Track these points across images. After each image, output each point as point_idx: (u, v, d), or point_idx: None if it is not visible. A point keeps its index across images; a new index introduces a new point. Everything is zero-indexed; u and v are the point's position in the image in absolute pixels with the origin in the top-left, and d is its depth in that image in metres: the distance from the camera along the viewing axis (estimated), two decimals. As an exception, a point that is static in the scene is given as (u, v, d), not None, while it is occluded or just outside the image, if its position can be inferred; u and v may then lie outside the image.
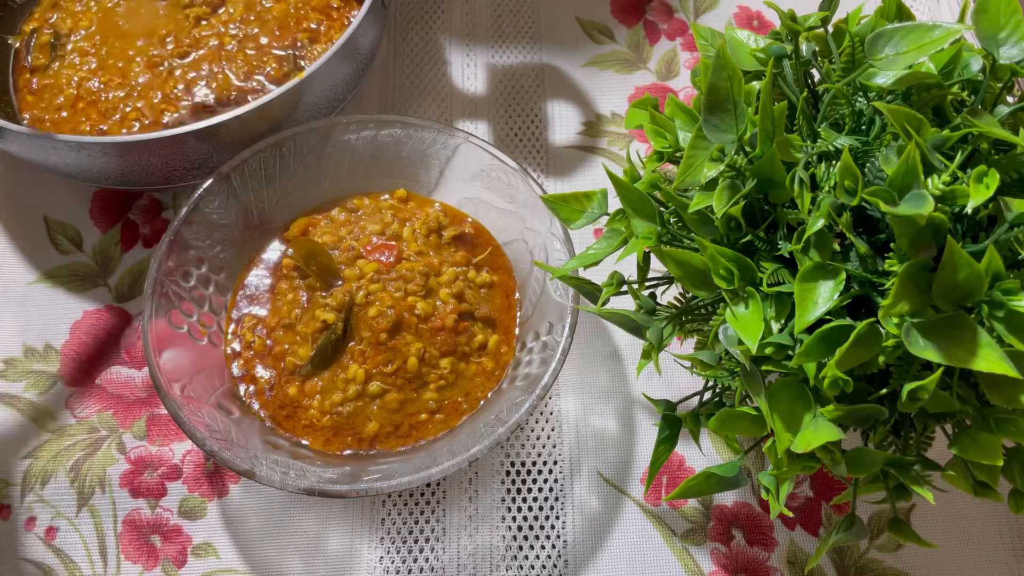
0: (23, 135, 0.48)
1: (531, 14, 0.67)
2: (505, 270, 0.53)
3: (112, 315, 0.54)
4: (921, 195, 0.29)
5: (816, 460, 0.34)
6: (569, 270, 0.40)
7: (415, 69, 0.64)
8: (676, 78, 0.64)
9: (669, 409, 0.41)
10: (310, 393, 0.48)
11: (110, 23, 0.59)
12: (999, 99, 0.34)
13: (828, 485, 0.49)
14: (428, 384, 0.48)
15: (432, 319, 0.48)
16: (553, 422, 0.51)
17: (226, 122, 0.48)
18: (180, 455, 0.50)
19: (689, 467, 0.50)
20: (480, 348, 0.49)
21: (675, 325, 0.37)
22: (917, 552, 0.48)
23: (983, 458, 0.31)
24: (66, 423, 0.51)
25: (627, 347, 0.54)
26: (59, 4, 0.60)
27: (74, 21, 0.59)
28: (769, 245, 0.34)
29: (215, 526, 0.49)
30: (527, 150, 0.61)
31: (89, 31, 0.58)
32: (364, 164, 0.54)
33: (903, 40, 0.34)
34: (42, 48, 0.58)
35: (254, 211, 0.52)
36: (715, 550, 0.48)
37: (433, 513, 0.49)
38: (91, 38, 0.58)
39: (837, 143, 0.34)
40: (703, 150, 0.34)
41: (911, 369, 0.31)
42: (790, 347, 0.32)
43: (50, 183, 0.58)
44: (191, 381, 0.46)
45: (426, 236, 0.52)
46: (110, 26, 0.58)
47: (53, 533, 0.48)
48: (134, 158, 0.50)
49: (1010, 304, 0.28)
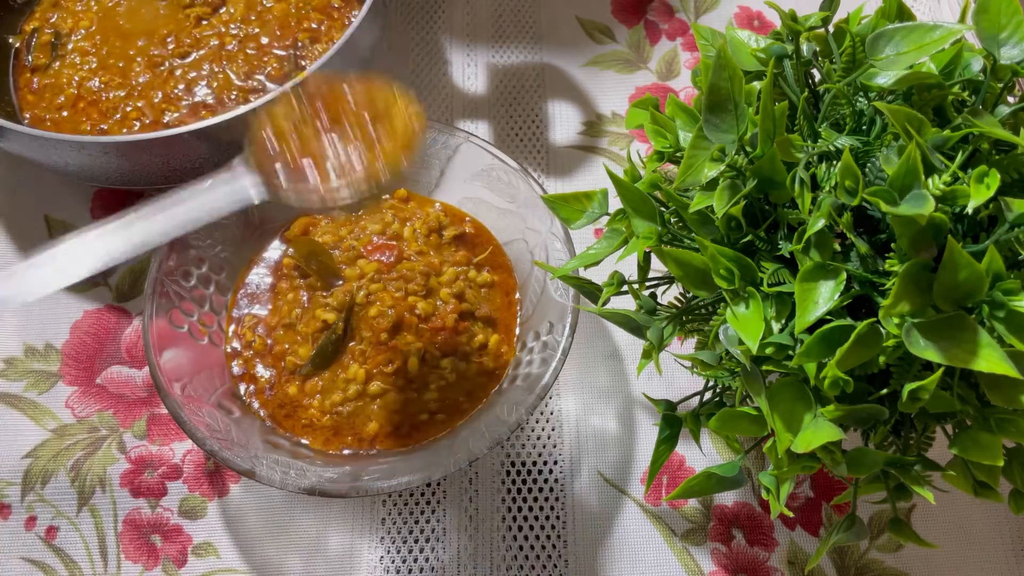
0: (24, 135, 0.48)
1: (532, 14, 0.67)
2: (506, 269, 0.52)
3: (113, 315, 0.54)
4: (922, 195, 0.29)
5: (816, 460, 0.34)
6: (570, 270, 0.40)
7: (416, 69, 0.64)
8: (677, 78, 0.64)
9: (669, 409, 0.41)
10: (310, 393, 0.48)
11: (111, 23, 0.59)
12: (1000, 99, 0.34)
13: (828, 485, 0.49)
14: (429, 384, 0.48)
15: (432, 319, 0.48)
16: (554, 422, 0.51)
17: (226, 122, 0.48)
18: (180, 454, 0.50)
19: (689, 467, 0.50)
20: (481, 348, 0.49)
21: (675, 325, 0.37)
22: (917, 552, 0.48)
23: (983, 458, 0.31)
24: (66, 422, 0.51)
25: (627, 347, 0.54)
26: (60, 3, 0.60)
27: (75, 21, 0.59)
28: (770, 245, 0.34)
29: (215, 526, 0.49)
30: (528, 150, 0.61)
31: (90, 31, 0.58)
32: (365, 164, 0.54)
33: (904, 40, 0.34)
34: (43, 48, 0.58)
35: (255, 210, 0.52)
36: (715, 550, 0.48)
37: (433, 513, 0.49)
38: (91, 38, 0.58)
39: (838, 143, 0.34)
40: (704, 150, 0.34)
41: (911, 369, 0.31)
42: (790, 347, 0.32)
43: (51, 182, 0.58)
44: (191, 380, 0.46)
45: (426, 236, 0.52)
46: (111, 26, 0.58)
47: (53, 532, 0.48)
48: (134, 158, 0.50)
49: (1011, 304, 0.28)
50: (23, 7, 0.60)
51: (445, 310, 0.49)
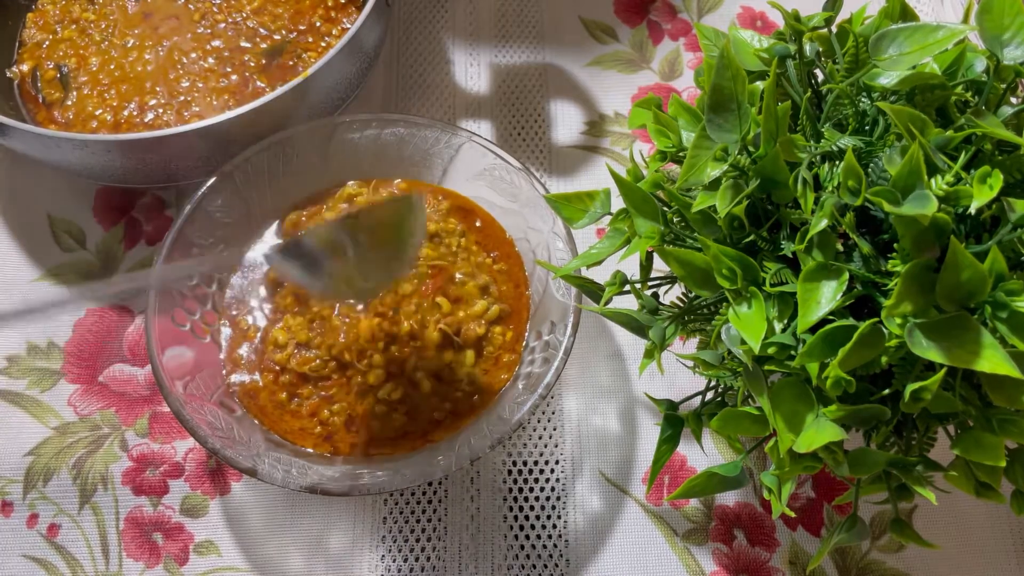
0: (27, 133, 0.48)
1: (534, 14, 0.67)
2: (516, 262, 0.52)
3: (115, 313, 0.54)
4: (925, 195, 0.29)
5: (818, 460, 0.34)
6: (572, 269, 0.40)
7: (418, 68, 0.64)
8: (679, 78, 0.64)
9: (671, 409, 0.41)
10: (305, 412, 0.47)
11: (116, 64, 0.58)
12: (1003, 100, 0.34)
13: (830, 485, 0.49)
14: (435, 403, 0.48)
15: (464, 332, 0.48)
16: (555, 421, 0.51)
17: (228, 121, 0.48)
18: (182, 453, 0.50)
19: (691, 467, 0.50)
20: (499, 346, 0.49)
21: (678, 325, 0.37)
22: (919, 553, 0.48)
23: (985, 459, 0.31)
24: (69, 420, 0.51)
25: (629, 347, 0.54)
26: (52, 37, 0.59)
27: (78, 59, 0.58)
28: (772, 245, 0.34)
29: (217, 524, 0.49)
30: (530, 149, 0.61)
31: (95, 69, 0.57)
32: (367, 163, 0.54)
33: (907, 40, 0.34)
34: (50, 84, 0.57)
35: (257, 209, 0.52)
36: (717, 550, 0.48)
37: (435, 512, 0.49)
38: (97, 79, 0.57)
39: (841, 143, 0.34)
40: (706, 150, 0.34)
41: (914, 370, 0.31)
42: (793, 347, 0.32)
43: (53, 181, 0.58)
44: (193, 379, 0.46)
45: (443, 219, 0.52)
46: (117, 65, 0.58)
47: (55, 530, 0.48)
48: (137, 156, 0.50)
49: (1013, 305, 0.28)
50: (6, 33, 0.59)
51: (470, 315, 0.49)
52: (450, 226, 0.52)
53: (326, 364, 0.47)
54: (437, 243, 0.51)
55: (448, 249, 0.51)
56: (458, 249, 0.51)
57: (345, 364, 0.47)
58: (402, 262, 0.43)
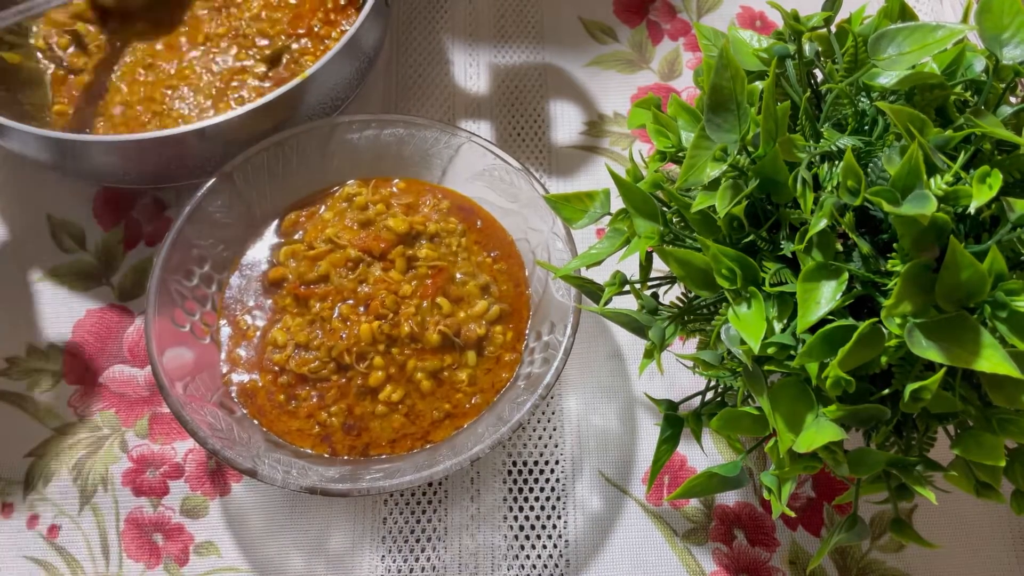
0: (26, 133, 0.48)
1: (534, 14, 0.67)
2: (517, 261, 0.52)
3: (115, 314, 0.54)
4: (924, 195, 0.29)
5: (818, 460, 0.34)
6: (571, 270, 0.40)
7: (418, 69, 0.64)
8: (679, 78, 0.64)
9: (671, 409, 0.41)
10: (303, 413, 0.47)
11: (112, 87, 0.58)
12: (1002, 99, 0.34)
13: (830, 485, 0.49)
14: (438, 401, 0.48)
15: (465, 331, 0.48)
16: (555, 422, 0.51)
17: (228, 121, 0.48)
18: (182, 453, 0.50)
19: (691, 467, 0.50)
20: (500, 346, 0.49)
21: (677, 325, 0.37)
22: (919, 553, 0.48)
23: (985, 459, 0.31)
24: (69, 421, 0.51)
25: (629, 347, 0.54)
26: None
27: None
28: (772, 245, 0.34)
29: (217, 525, 0.49)
30: (530, 150, 0.61)
31: None
32: (366, 163, 0.54)
33: (906, 40, 0.34)
34: (67, 49, 0.58)
35: (256, 210, 0.52)
36: (717, 550, 0.48)
37: (435, 512, 0.49)
38: None
39: (840, 143, 0.34)
40: (706, 150, 0.34)
41: (913, 369, 0.31)
42: (792, 347, 0.32)
43: (53, 182, 0.58)
44: (193, 380, 0.46)
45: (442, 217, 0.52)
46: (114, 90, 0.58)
47: (55, 531, 0.48)
48: (136, 157, 0.50)
49: (1013, 305, 0.28)
50: None
51: (472, 315, 0.49)
52: (450, 226, 0.52)
53: (325, 365, 0.47)
54: (437, 243, 0.51)
55: (448, 249, 0.51)
56: (458, 249, 0.51)
57: (345, 366, 0.47)
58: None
